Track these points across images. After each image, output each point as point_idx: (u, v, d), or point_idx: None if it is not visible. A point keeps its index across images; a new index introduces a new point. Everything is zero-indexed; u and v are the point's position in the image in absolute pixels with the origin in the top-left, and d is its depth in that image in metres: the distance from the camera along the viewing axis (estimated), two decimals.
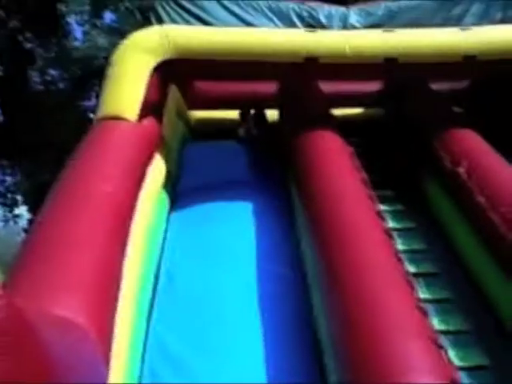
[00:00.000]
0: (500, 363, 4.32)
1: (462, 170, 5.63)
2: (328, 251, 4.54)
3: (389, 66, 6.50)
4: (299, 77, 7.07)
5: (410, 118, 7.09)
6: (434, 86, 7.49)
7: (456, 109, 7.55)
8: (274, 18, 6.67)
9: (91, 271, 3.67)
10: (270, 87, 7.70)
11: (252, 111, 7.99)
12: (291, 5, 6.72)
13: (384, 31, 6.50)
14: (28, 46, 15.75)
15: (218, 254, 5.48)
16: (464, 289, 5.08)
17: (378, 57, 6.37)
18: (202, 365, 4.41)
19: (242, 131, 7.86)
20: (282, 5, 6.75)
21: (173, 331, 4.67)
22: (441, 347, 3.60)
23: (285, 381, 4.22)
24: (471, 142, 6.03)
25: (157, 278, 5.25)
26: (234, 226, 5.93)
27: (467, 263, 5.32)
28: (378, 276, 4.04)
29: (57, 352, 2.80)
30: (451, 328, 4.58)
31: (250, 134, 7.80)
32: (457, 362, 4.14)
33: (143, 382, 4.29)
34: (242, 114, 8.02)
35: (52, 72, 16.40)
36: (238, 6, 6.67)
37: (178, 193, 6.70)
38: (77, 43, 16.71)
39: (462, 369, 4.12)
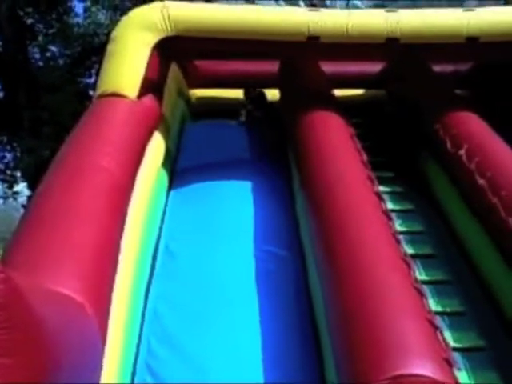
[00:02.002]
0: (495, 345, 4.34)
1: (462, 152, 5.61)
2: (326, 231, 4.55)
3: (391, 47, 6.46)
4: (301, 56, 7.03)
5: (411, 99, 7.05)
6: (437, 68, 7.45)
7: (458, 91, 7.52)
8: None
9: (89, 246, 3.67)
10: (271, 66, 7.66)
11: (253, 91, 7.96)
12: None
13: (386, 11, 6.46)
14: (28, 21, 15.64)
15: (216, 232, 5.49)
16: (461, 271, 5.09)
17: (379, 37, 6.32)
18: (200, 344, 4.42)
19: (243, 112, 7.83)
20: None
21: (170, 308, 4.68)
22: (436, 328, 3.62)
23: (282, 361, 4.24)
24: (472, 125, 6.00)
25: (155, 254, 5.25)
26: (233, 205, 5.93)
27: (466, 245, 5.32)
28: (376, 256, 4.05)
29: (53, 327, 2.81)
30: (447, 309, 4.59)
31: (251, 113, 7.78)
32: (452, 343, 4.15)
33: (139, 358, 4.31)
34: (245, 93, 7.98)
35: (52, 48, 16.32)
36: None
37: (177, 171, 6.68)
38: (78, 19, 16.62)
39: (457, 350, 4.13)
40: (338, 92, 7.34)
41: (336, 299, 3.93)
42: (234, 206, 5.92)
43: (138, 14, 6.20)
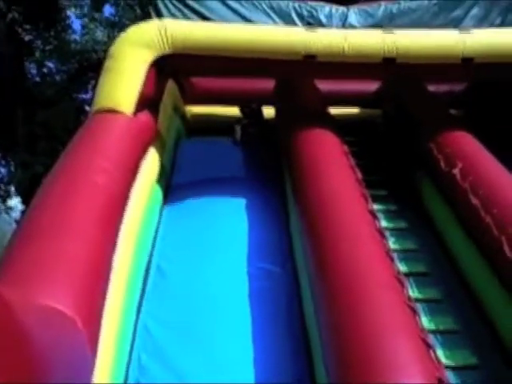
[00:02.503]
0: (488, 363, 4.33)
1: (456, 171, 5.63)
2: (320, 248, 4.54)
3: (387, 67, 6.50)
4: (297, 74, 7.07)
5: (406, 118, 7.09)
6: (432, 88, 7.50)
7: (453, 111, 7.56)
8: (274, 16, 6.70)
9: (80, 262, 3.65)
10: (267, 84, 7.69)
11: (249, 108, 7.99)
12: (292, 3, 6.74)
13: (383, 32, 6.50)
14: (26, 37, 15.71)
15: (209, 249, 5.47)
16: (455, 289, 5.08)
17: (376, 57, 6.36)
18: (191, 360, 4.40)
19: (238, 128, 7.85)
20: (283, 3, 6.77)
21: (161, 325, 4.65)
22: (429, 346, 3.61)
23: (274, 378, 4.22)
24: (466, 144, 6.03)
25: (147, 271, 5.23)
26: (227, 222, 5.91)
27: (459, 264, 5.32)
28: (369, 273, 4.04)
29: (43, 342, 2.80)
30: (440, 327, 4.58)
31: (246, 130, 7.80)
32: (445, 361, 4.14)
33: (130, 374, 4.28)
34: (242, 110, 8.01)
35: (49, 64, 16.39)
36: (239, 3, 6.69)
37: (172, 187, 6.68)
38: (75, 36, 16.71)
39: (449, 368, 4.12)
40: (333, 110, 7.38)
41: (328, 316, 3.92)
42: (227, 222, 5.91)
43: (135, 31, 6.23)
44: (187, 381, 4.22)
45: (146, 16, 7.72)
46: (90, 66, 15.69)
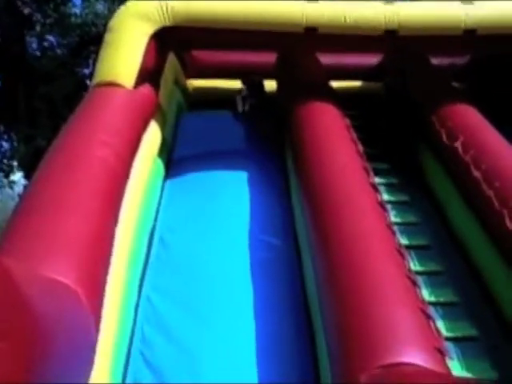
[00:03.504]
0: (488, 335, 4.36)
1: (458, 144, 5.62)
2: (321, 221, 4.56)
3: (389, 39, 6.45)
4: (298, 47, 7.02)
5: (408, 92, 7.05)
6: (435, 61, 7.45)
7: (455, 84, 7.52)
8: None
9: (82, 234, 3.67)
10: (268, 57, 7.65)
11: (250, 80, 7.95)
12: None
13: (385, 3, 6.45)
14: (26, 10, 15.59)
15: (211, 221, 5.49)
16: (456, 262, 5.10)
17: (378, 28, 6.31)
18: (194, 332, 4.44)
19: (239, 101, 7.83)
20: None
21: (164, 297, 4.69)
22: (429, 317, 3.64)
23: (276, 349, 4.26)
24: (468, 117, 6.00)
25: (150, 243, 5.26)
26: (229, 195, 5.93)
27: (460, 237, 5.34)
28: (370, 245, 4.06)
29: (46, 313, 2.82)
30: (441, 299, 4.61)
31: (248, 101, 7.77)
32: (445, 332, 4.17)
33: (133, 346, 4.33)
34: (243, 82, 7.97)
35: (50, 38, 16.28)
36: None
37: (174, 161, 6.67)
38: (75, 9, 16.59)
39: (449, 339, 4.16)
40: (335, 84, 7.34)
41: (329, 288, 3.95)
42: (229, 195, 5.93)
43: (135, 3, 6.17)
44: (190, 352, 4.27)
45: None
46: (90, 39, 15.60)
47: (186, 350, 4.30)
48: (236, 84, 8.06)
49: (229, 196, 5.92)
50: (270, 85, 7.92)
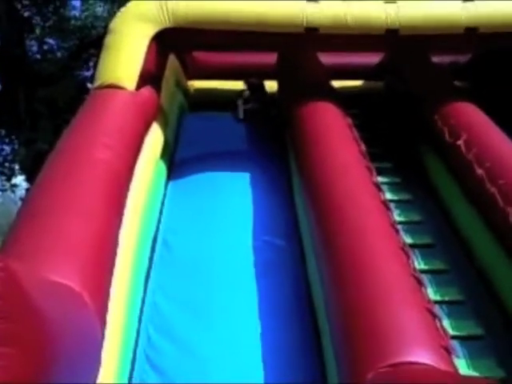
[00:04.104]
0: (494, 333, 4.35)
1: (460, 142, 5.61)
2: (325, 221, 4.55)
3: (390, 38, 6.45)
4: (299, 48, 7.02)
5: (410, 90, 7.05)
6: (436, 59, 7.45)
7: (457, 82, 7.52)
8: None
9: (87, 237, 3.66)
10: (269, 58, 7.65)
11: (251, 82, 7.95)
12: None
13: (386, 2, 6.44)
14: (26, 13, 15.61)
15: (214, 223, 5.49)
16: (460, 260, 5.09)
17: (379, 28, 6.31)
18: (198, 333, 4.44)
19: (240, 106, 7.80)
20: None
21: (169, 299, 4.69)
22: (435, 316, 3.63)
23: (282, 350, 4.26)
24: (471, 115, 6.00)
25: (153, 245, 5.26)
26: (232, 196, 5.93)
27: (464, 235, 5.33)
28: (375, 245, 4.05)
29: (51, 316, 2.82)
30: (446, 298, 4.60)
31: (249, 106, 7.76)
32: (451, 331, 4.16)
33: (139, 349, 4.32)
34: (246, 82, 7.97)
35: (50, 41, 16.30)
36: None
37: (176, 163, 6.67)
38: (75, 12, 16.60)
39: (455, 338, 4.15)
40: (336, 83, 7.34)
41: (335, 288, 3.94)
42: (232, 196, 5.92)
43: (136, 5, 6.17)
44: (195, 353, 4.27)
45: None
46: (90, 42, 15.60)
47: (190, 352, 4.30)
48: (237, 85, 8.05)
49: (232, 197, 5.92)
50: (272, 85, 7.91)
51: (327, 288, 4.13)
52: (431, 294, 4.46)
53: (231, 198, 5.90)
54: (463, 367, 3.96)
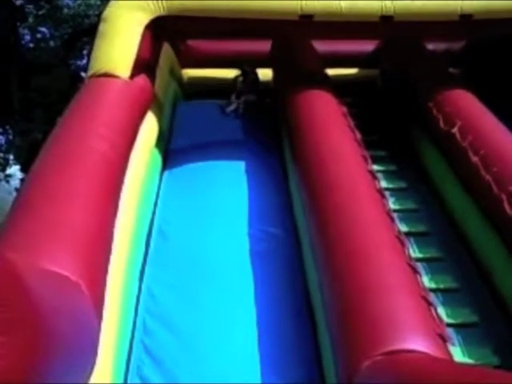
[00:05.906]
0: (489, 320, 4.38)
1: (455, 130, 5.61)
2: (320, 210, 4.55)
3: (384, 25, 6.42)
4: (293, 35, 6.99)
5: (405, 78, 7.04)
6: (431, 47, 7.43)
7: (452, 69, 7.51)
8: None
9: (82, 227, 3.66)
10: (263, 46, 7.62)
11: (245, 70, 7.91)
12: None
13: None
14: (18, 2, 15.49)
15: (210, 212, 5.49)
16: (455, 248, 5.12)
17: (373, 15, 6.28)
18: (194, 322, 4.44)
19: (233, 98, 7.73)
20: None
21: (165, 288, 4.69)
22: (430, 304, 3.64)
23: (277, 338, 4.27)
24: (465, 103, 6.00)
25: (149, 235, 5.26)
26: (227, 185, 5.92)
27: (459, 222, 5.35)
28: (370, 233, 4.06)
29: (49, 306, 2.81)
30: (441, 286, 4.62)
31: (241, 94, 7.71)
32: (446, 319, 4.18)
33: (135, 337, 4.33)
34: (241, 72, 7.93)
35: (43, 30, 16.18)
36: None
37: (171, 151, 6.66)
38: (67, 1, 16.48)
39: (450, 325, 4.17)
40: (331, 71, 7.32)
41: (330, 276, 3.95)
42: (227, 185, 5.92)
43: None
44: (191, 341, 4.28)
45: None
46: (83, 31, 15.51)
47: (186, 340, 4.31)
48: (232, 73, 8.01)
49: (227, 186, 5.91)
50: (265, 73, 7.88)
51: (322, 276, 4.14)
52: (426, 281, 4.49)
53: (226, 187, 5.89)
54: (458, 355, 3.98)
